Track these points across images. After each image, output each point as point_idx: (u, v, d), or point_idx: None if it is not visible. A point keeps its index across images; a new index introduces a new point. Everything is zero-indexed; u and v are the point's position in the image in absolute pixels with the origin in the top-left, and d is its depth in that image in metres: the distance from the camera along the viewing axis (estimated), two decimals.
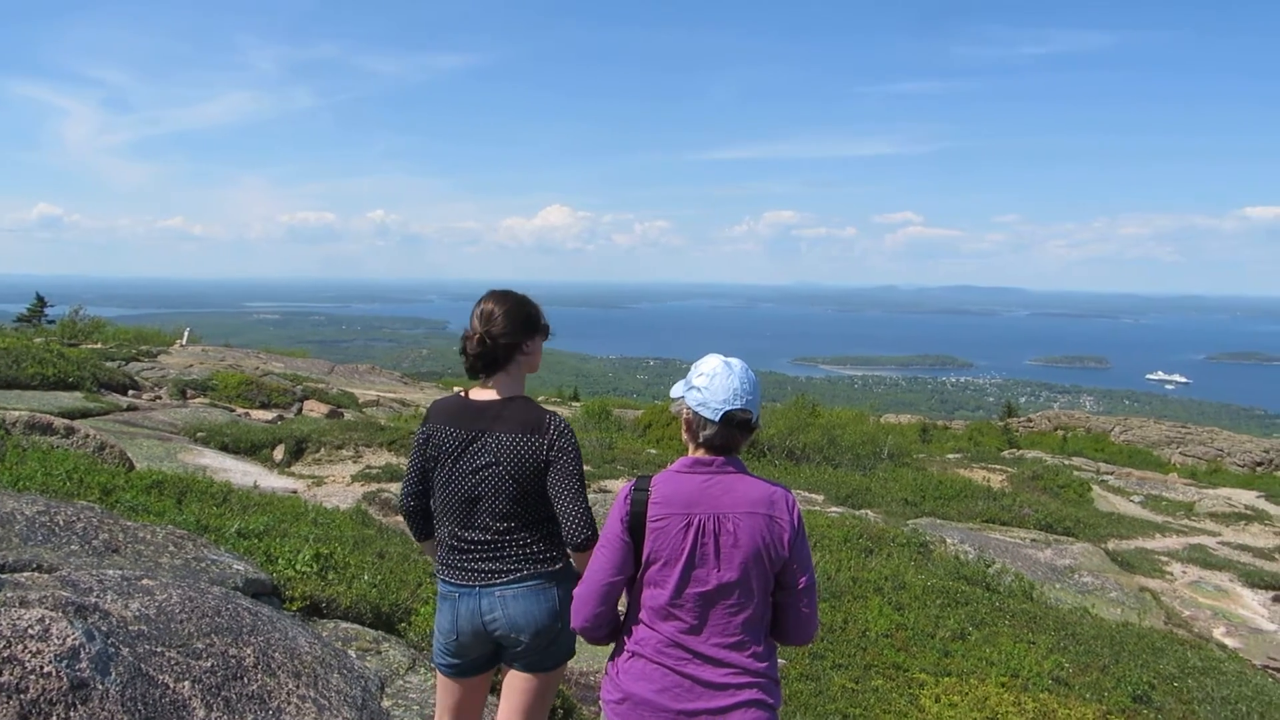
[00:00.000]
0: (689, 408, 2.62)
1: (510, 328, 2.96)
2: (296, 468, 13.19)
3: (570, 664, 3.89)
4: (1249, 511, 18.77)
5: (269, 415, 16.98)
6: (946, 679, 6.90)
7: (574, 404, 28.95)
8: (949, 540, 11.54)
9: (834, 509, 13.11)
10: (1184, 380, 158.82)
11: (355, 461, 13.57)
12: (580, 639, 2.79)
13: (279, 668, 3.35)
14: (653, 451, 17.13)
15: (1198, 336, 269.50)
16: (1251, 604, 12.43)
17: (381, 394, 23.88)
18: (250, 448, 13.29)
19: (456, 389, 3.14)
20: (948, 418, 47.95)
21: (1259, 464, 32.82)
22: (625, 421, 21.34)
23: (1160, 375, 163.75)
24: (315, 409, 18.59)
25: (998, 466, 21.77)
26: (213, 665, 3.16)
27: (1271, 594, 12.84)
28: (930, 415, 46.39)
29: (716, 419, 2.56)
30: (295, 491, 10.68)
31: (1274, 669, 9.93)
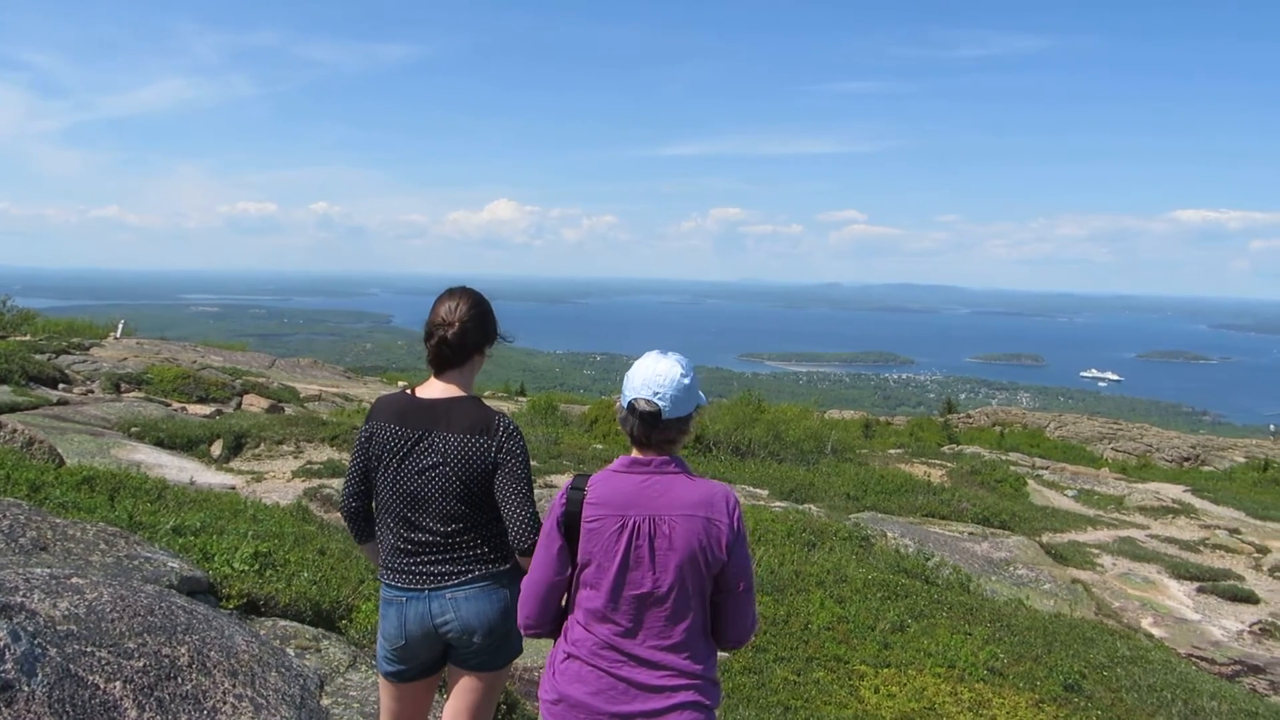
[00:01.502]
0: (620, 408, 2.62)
1: (482, 327, 2.94)
2: (235, 464, 12.92)
3: (517, 660, 3.88)
4: (1176, 505, 19.42)
5: (207, 410, 16.61)
6: (886, 670, 7.03)
7: (520, 399, 28.82)
8: (890, 534, 11.73)
9: (778, 504, 13.25)
10: (1116, 378, 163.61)
11: (296, 457, 13.34)
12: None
13: (215, 667, 3.29)
14: (599, 447, 17.13)
15: (1129, 335, 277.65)
16: (1178, 595, 12.87)
17: (324, 388, 23.50)
18: (187, 443, 12.99)
19: (402, 384, 3.05)
20: (890, 414, 48.69)
21: (1186, 459, 33.95)
22: (572, 417, 21.30)
23: (1094, 373, 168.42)
24: (255, 404, 18.23)
25: (938, 462, 22.20)
26: (145, 665, 3.09)
27: (1196, 585, 13.31)
28: (873, 411, 47.12)
29: (624, 406, 2.55)
30: (234, 488, 10.46)
31: (1198, 657, 10.30)
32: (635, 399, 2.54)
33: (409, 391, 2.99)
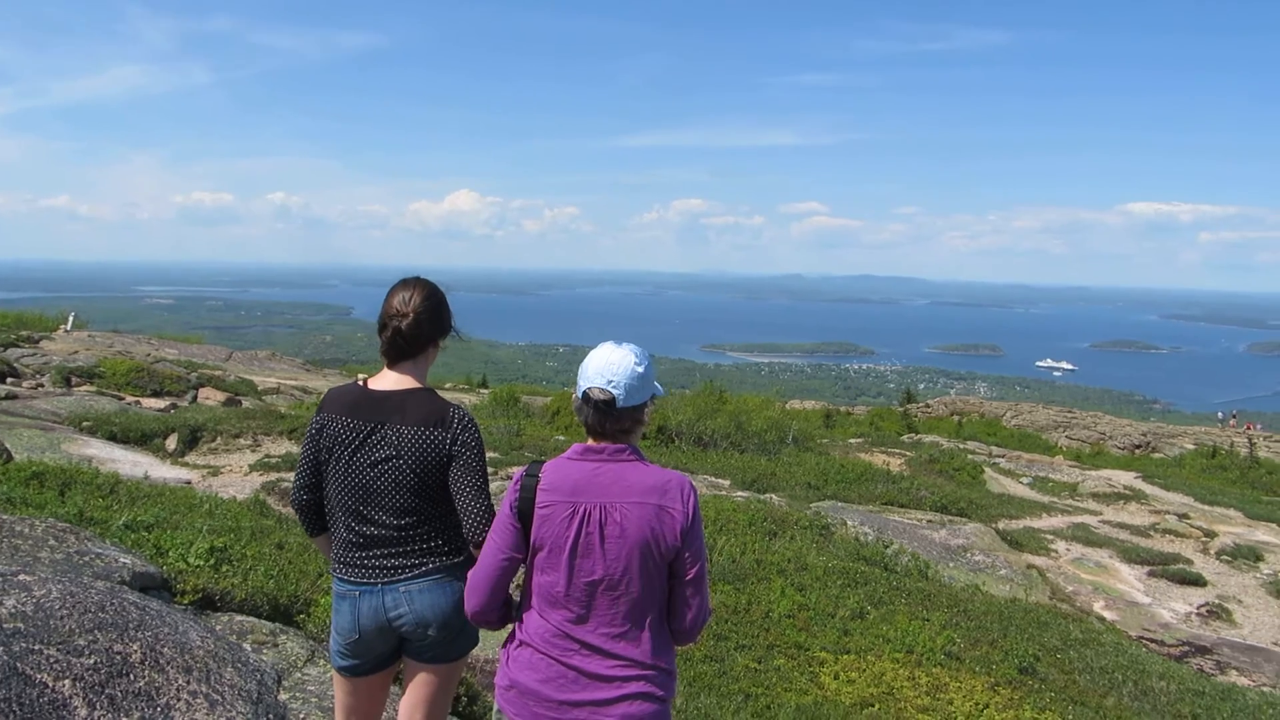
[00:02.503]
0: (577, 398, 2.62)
1: (437, 318, 2.91)
2: (191, 458, 12.72)
3: (475, 651, 3.87)
4: (1127, 491, 19.84)
5: (161, 404, 16.32)
6: (846, 656, 7.12)
7: (482, 391, 28.68)
8: (850, 522, 11.86)
9: (740, 493, 13.33)
10: (1071, 367, 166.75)
11: (254, 450, 13.17)
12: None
13: (168, 663, 3.24)
14: (561, 438, 17.10)
15: (1083, 325, 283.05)
16: (1129, 579, 13.16)
17: (282, 381, 23.20)
18: (141, 437, 12.76)
19: (361, 376, 3.01)
20: (850, 404, 49.21)
21: (1137, 446, 34.71)
22: (534, 408, 21.24)
23: (1049, 362, 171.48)
24: (211, 397, 17.95)
25: (897, 451, 22.46)
26: (96, 662, 3.03)
27: (1147, 569, 13.63)
28: (834, 401, 47.57)
29: (579, 396, 2.55)
30: (189, 482, 10.31)
31: (1148, 639, 10.55)
32: (590, 388, 2.54)
33: (361, 383, 2.94)
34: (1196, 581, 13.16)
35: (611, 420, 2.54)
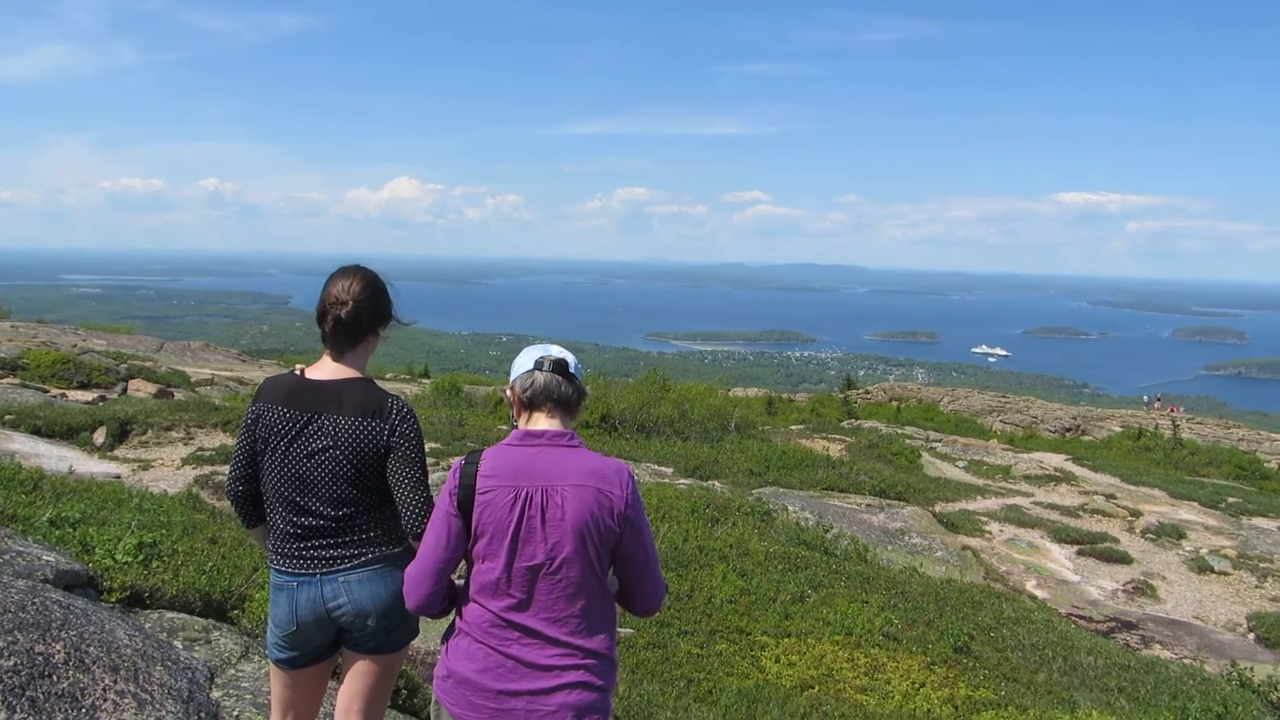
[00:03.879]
0: (512, 387, 2.62)
1: (378, 306, 2.88)
2: (120, 451, 12.36)
3: (416, 643, 3.83)
4: (1058, 473, 20.42)
5: (89, 396, 15.82)
6: (786, 640, 7.22)
7: (424, 381, 28.34)
8: (791, 508, 12.00)
9: (683, 481, 13.40)
10: (1004, 353, 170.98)
11: (186, 444, 12.84)
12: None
13: (94, 663, 3.15)
14: (504, 428, 17.00)
15: (1016, 312, 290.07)
16: (1059, 558, 13.56)
17: (217, 372, 22.65)
18: (67, 431, 12.36)
19: (299, 366, 2.95)
20: (792, 391, 49.76)
21: (1068, 429, 35.73)
22: (476, 398, 21.05)
23: (984, 349, 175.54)
24: (142, 389, 17.45)
25: (837, 436, 22.78)
26: (16, 664, 2.93)
27: (1076, 548, 14.05)
28: (776, 389, 48.03)
29: (530, 365, 2.59)
30: (118, 477, 10.02)
31: (1077, 616, 10.89)
32: (541, 357, 2.58)
33: (299, 372, 2.90)
34: (1123, 560, 13.61)
35: (568, 381, 2.57)
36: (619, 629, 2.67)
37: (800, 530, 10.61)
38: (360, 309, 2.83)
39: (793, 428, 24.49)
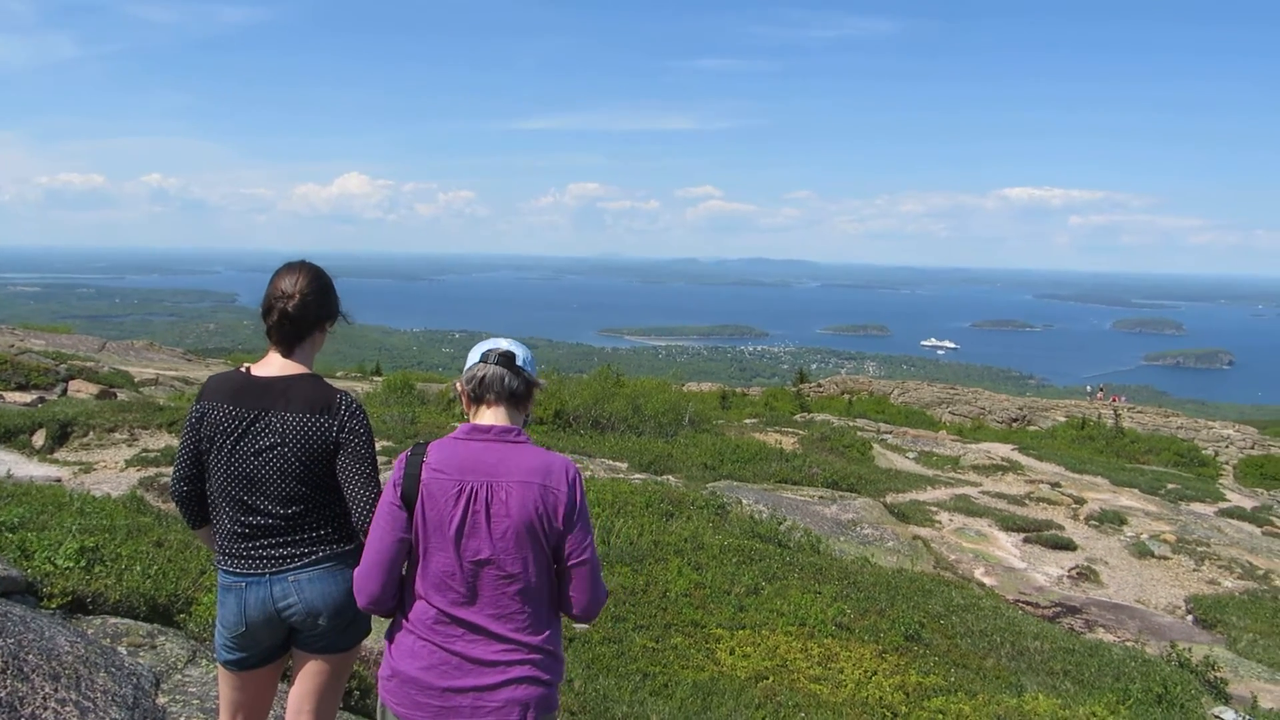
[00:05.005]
0: (461, 381, 2.61)
1: (324, 301, 2.85)
2: (61, 454, 12.04)
3: (368, 642, 3.79)
4: (1005, 463, 20.83)
5: (27, 397, 15.38)
6: (741, 632, 7.27)
7: (375, 378, 28.02)
8: (745, 501, 12.09)
9: (637, 476, 13.42)
10: (953, 346, 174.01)
11: (130, 445, 12.54)
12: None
13: (33, 671, 3.07)
14: (457, 425, 16.88)
15: (965, 306, 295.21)
16: (1006, 546, 13.84)
17: (161, 372, 22.16)
18: (4, 434, 12.02)
19: (245, 364, 2.91)
20: (746, 385, 50.07)
21: (1014, 420, 36.44)
22: (429, 395, 20.86)
23: (933, 341, 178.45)
24: (83, 389, 17.01)
25: (790, 430, 22.98)
26: None
27: (1023, 536, 14.35)
28: (730, 383, 48.30)
29: (476, 361, 2.59)
30: (59, 480, 9.76)
31: (1024, 602, 11.12)
32: (489, 350, 2.58)
33: (244, 370, 2.86)
34: (1067, 546, 13.94)
35: (514, 374, 2.56)
36: (576, 624, 2.67)
37: (754, 523, 10.69)
38: (306, 303, 2.80)
39: (746, 421, 24.65)
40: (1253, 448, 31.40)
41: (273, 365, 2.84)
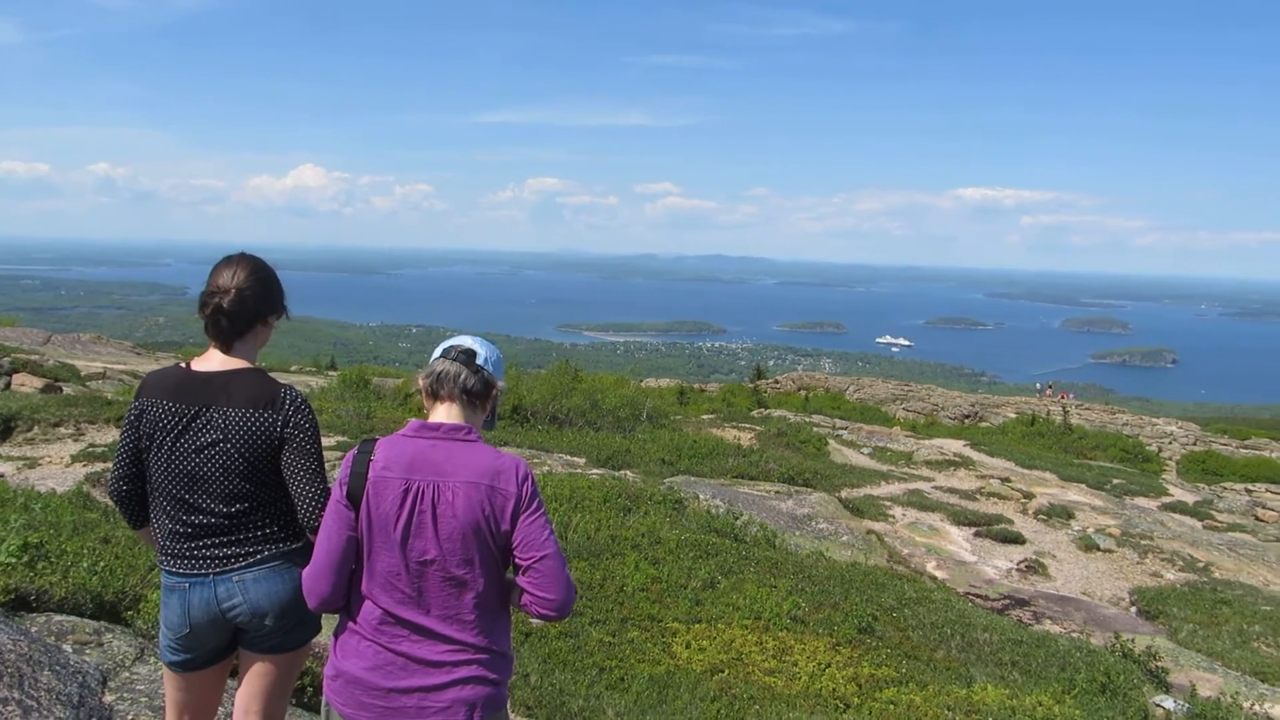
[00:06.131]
0: (422, 376, 2.59)
1: (264, 294, 2.80)
2: (4, 449, 11.73)
3: (322, 639, 3.75)
4: (957, 458, 21.18)
5: None
6: (697, 626, 7.32)
7: (331, 373, 27.68)
8: (702, 496, 12.16)
9: (595, 471, 13.43)
10: (908, 343, 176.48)
11: (76, 440, 12.26)
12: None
13: None
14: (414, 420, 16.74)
15: (919, 303, 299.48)
16: (958, 539, 14.08)
17: (109, 366, 21.66)
18: None
19: (182, 359, 2.85)
20: (704, 381, 50.26)
21: (966, 416, 37.04)
22: (385, 390, 20.67)
23: (888, 339, 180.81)
24: (27, 383, 16.58)
25: (747, 425, 23.13)
26: None
27: (974, 530, 14.61)
28: (688, 379, 48.50)
29: (440, 353, 2.58)
30: (2, 475, 9.52)
31: (974, 595, 11.33)
32: (451, 346, 2.56)
33: (184, 365, 2.81)
34: (1017, 540, 14.22)
35: (472, 373, 2.53)
36: (532, 619, 2.66)
37: (711, 518, 10.76)
38: (244, 298, 2.75)
39: (704, 417, 24.78)
40: (1195, 444, 32.28)
41: (213, 360, 2.78)
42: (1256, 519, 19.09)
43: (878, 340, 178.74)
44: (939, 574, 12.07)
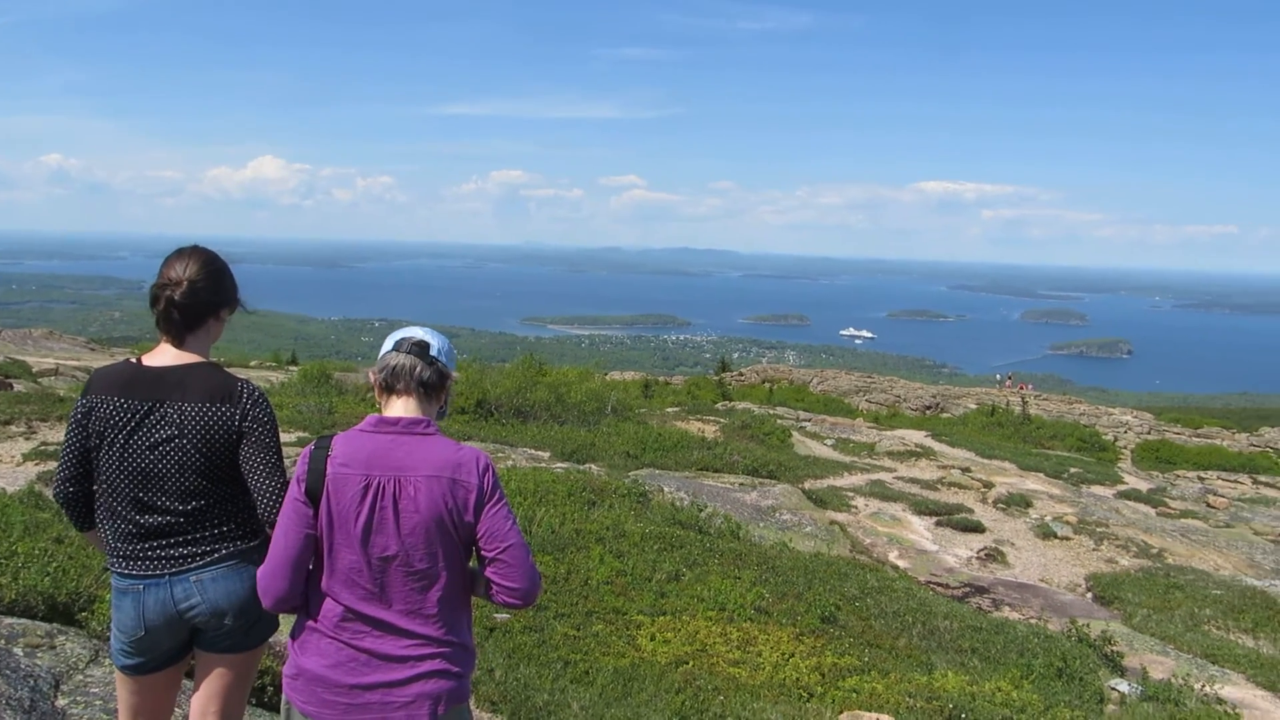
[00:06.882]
0: (374, 370, 2.57)
1: (217, 287, 2.75)
2: None
3: (280, 636, 3.71)
4: (918, 449, 21.43)
5: None
6: (662, 618, 7.35)
7: (291, 368, 27.33)
8: (666, 489, 12.19)
9: (560, 464, 13.40)
10: (870, 335, 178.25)
11: (28, 438, 12.00)
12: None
13: None
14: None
15: (881, 296, 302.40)
16: (919, 529, 14.25)
17: (62, 362, 21.23)
18: None
19: (133, 355, 2.79)
20: (669, 374, 50.42)
21: (928, 407, 37.50)
22: (347, 385, 20.45)
23: (851, 331, 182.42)
24: None
25: (712, 418, 23.21)
26: None
27: (935, 519, 14.79)
28: (653, 372, 48.56)
29: (392, 346, 2.56)
30: None
31: (935, 583, 11.48)
32: (403, 338, 2.54)
33: (134, 360, 2.74)
34: (977, 529, 14.42)
35: (426, 365, 2.51)
36: (497, 614, 2.65)
37: (676, 510, 10.79)
38: (196, 291, 2.70)
39: (669, 410, 24.82)
40: (1149, 433, 32.96)
41: (166, 355, 2.73)
42: (1208, 505, 19.54)
43: (841, 333, 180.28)
44: (901, 563, 12.21)
